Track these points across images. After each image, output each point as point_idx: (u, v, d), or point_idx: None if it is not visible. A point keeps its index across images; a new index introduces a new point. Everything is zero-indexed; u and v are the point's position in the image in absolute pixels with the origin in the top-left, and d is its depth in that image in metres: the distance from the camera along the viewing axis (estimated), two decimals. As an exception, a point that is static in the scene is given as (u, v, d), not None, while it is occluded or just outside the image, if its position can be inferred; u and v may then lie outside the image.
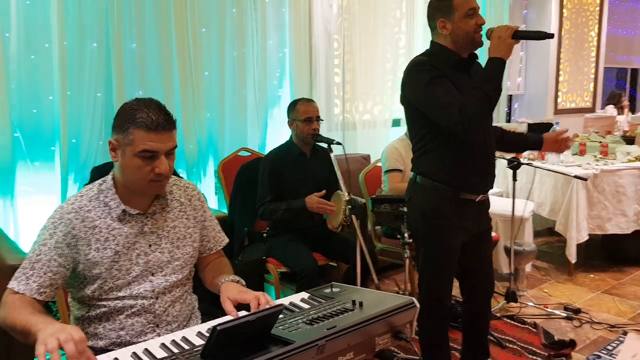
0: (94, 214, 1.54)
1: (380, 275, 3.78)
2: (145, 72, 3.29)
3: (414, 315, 1.46)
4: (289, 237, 2.99)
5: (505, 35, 1.94)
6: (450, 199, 2.13)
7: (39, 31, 2.94)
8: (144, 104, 1.49)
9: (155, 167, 1.48)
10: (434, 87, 1.98)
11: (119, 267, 1.54)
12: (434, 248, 2.21)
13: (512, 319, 3.30)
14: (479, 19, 2.04)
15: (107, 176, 1.60)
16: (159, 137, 1.47)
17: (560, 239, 4.30)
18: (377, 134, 4.59)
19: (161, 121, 1.47)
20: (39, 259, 1.48)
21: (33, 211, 2.95)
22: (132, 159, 1.48)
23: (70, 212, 1.52)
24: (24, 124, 2.95)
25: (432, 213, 2.17)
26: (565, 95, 6.55)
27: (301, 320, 1.35)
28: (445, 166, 2.12)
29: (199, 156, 3.59)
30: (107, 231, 1.54)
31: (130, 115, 1.47)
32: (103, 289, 1.53)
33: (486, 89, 1.93)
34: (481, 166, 2.15)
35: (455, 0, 2.02)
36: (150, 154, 1.47)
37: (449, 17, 2.04)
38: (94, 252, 1.52)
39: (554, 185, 4.09)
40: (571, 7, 6.41)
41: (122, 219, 1.56)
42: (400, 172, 3.37)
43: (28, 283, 1.46)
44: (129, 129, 1.46)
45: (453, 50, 2.08)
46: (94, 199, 1.56)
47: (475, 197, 2.16)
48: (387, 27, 4.59)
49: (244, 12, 3.69)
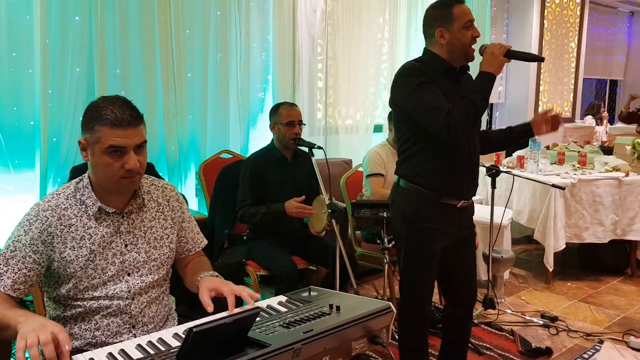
0: (70, 212, 1.53)
1: (360, 280, 3.78)
2: (128, 72, 3.28)
3: (390, 320, 1.46)
4: (268, 240, 2.98)
5: (497, 52, 1.99)
6: (431, 203, 2.15)
7: (21, 29, 2.92)
8: (109, 101, 1.48)
9: (124, 162, 1.47)
10: (423, 91, 2.01)
11: (95, 267, 1.53)
12: (414, 251, 2.22)
13: (490, 326, 3.32)
14: (474, 31, 2.08)
15: (83, 174, 1.59)
16: (125, 133, 1.45)
17: (539, 247, 4.35)
18: (359, 139, 4.61)
19: (126, 117, 1.45)
20: (14, 255, 1.47)
21: (12, 210, 2.93)
22: (100, 157, 1.47)
23: (46, 210, 1.51)
24: (4, 122, 2.93)
25: (413, 216, 2.18)
26: (546, 104, 6.65)
27: (278, 323, 1.33)
28: (427, 170, 2.14)
29: (180, 157, 3.57)
30: (83, 230, 1.53)
31: (96, 113, 1.46)
32: (78, 288, 1.52)
33: (474, 98, 1.97)
34: (463, 173, 2.17)
35: (454, 11, 2.05)
36: (118, 149, 1.46)
37: (447, 27, 2.06)
38: (69, 251, 1.51)
39: (532, 194, 4.13)
40: (552, 19, 6.51)
41: (98, 218, 1.55)
42: (382, 177, 3.39)
43: (2, 279, 1.45)
44: (94, 127, 1.46)
45: (445, 59, 2.11)
46: (71, 197, 1.55)
47: (457, 203, 2.18)
48: (370, 33, 4.62)
49: (227, 15, 3.68)
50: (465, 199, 2.20)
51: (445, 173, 2.12)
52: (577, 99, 7.14)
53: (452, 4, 2.07)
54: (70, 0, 3.02)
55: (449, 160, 2.11)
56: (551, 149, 4.97)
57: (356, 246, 3.55)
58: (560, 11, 6.65)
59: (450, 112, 1.95)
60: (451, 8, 2.06)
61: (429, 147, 2.11)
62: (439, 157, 2.11)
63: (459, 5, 2.07)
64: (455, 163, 2.13)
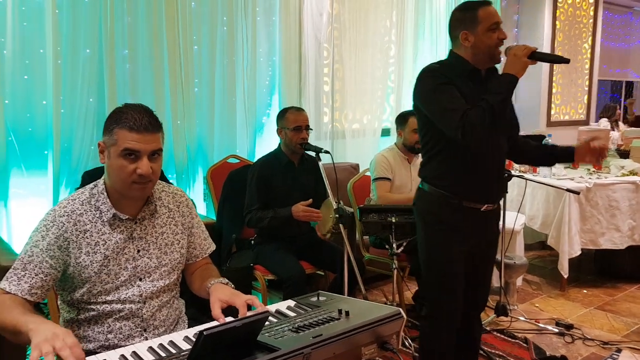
0: (85, 218, 1.56)
1: (368, 285, 3.73)
2: (136, 78, 3.32)
3: (401, 326, 1.44)
4: (276, 244, 2.95)
5: (521, 54, 1.96)
6: (452, 206, 2.12)
7: (34, 37, 2.98)
8: (131, 107, 1.53)
9: (137, 167, 1.50)
10: (439, 93, 2.01)
11: (108, 272, 1.56)
12: (435, 254, 2.20)
13: (502, 333, 3.25)
14: (500, 33, 2.04)
15: (98, 180, 1.62)
16: (141, 138, 1.49)
17: (552, 252, 4.27)
18: (366, 143, 4.57)
19: (144, 122, 1.49)
20: (31, 260, 1.50)
21: (26, 214, 3.00)
22: (116, 159, 1.51)
23: (62, 215, 1.54)
24: (17, 128, 3.00)
25: (432, 218, 2.18)
26: (559, 107, 6.56)
27: (287, 327, 1.33)
28: (447, 173, 2.13)
29: (188, 163, 3.57)
30: (97, 235, 1.56)
31: (117, 117, 1.51)
32: (92, 292, 1.55)
33: (492, 101, 1.93)
34: (486, 176, 2.13)
35: (479, 13, 2.03)
36: (132, 153, 1.49)
37: (472, 30, 2.04)
38: (84, 256, 1.54)
39: (545, 198, 4.06)
40: (564, 19, 6.44)
41: (112, 224, 1.58)
42: (389, 181, 3.35)
43: (20, 283, 1.48)
44: (114, 129, 1.50)
45: (470, 62, 2.08)
46: (86, 202, 1.58)
47: (480, 207, 2.14)
48: (377, 36, 4.59)
49: (234, 20, 3.68)
50: (489, 202, 2.16)
51: (465, 176, 2.10)
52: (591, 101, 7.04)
53: (477, 6, 2.05)
54: (81, 8, 3.06)
55: (469, 163, 2.09)
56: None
57: (364, 251, 3.51)
58: (573, 11, 6.57)
59: (466, 114, 1.92)
60: (476, 10, 2.04)
61: (449, 150, 2.09)
62: (458, 159, 2.09)
63: (484, 7, 2.04)
64: (476, 166, 2.09)
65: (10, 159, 2.95)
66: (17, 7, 2.89)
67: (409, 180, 3.44)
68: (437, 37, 5.07)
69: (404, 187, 3.41)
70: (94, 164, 3.13)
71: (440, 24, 5.07)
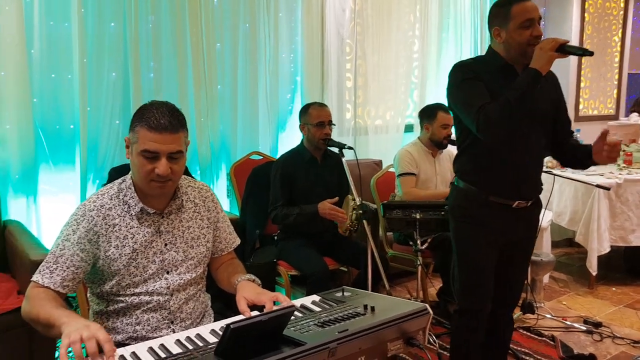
0: (114, 212, 1.59)
1: (391, 282, 3.70)
2: (160, 76, 3.35)
3: (427, 322, 1.44)
4: (300, 240, 2.96)
5: (547, 48, 1.90)
6: (479, 201, 2.11)
7: (61, 37, 3.03)
8: (156, 105, 1.53)
9: (155, 167, 1.51)
10: (463, 88, 2.02)
11: (136, 265, 1.59)
12: (463, 249, 2.20)
13: (529, 331, 3.20)
14: (535, 30, 1.98)
15: (126, 175, 1.65)
16: (160, 138, 1.49)
17: (580, 250, 4.20)
18: (389, 140, 4.54)
19: (165, 122, 1.49)
20: (62, 253, 1.53)
21: (54, 209, 3.06)
22: (137, 157, 1.53)
23: (92, 210, 1.57)
24: (46, 125, 3.06)
25: (459, 212, 2.18)
26: (587, 102, 6.41)
27: (312, 322, 1.34)
28: (475, 168, 2.13)
29: (211, 159, 3.59)
30: (126, 229, 1.59)
31: (141, 115, 1.52)
32: (120, 285, 1.58)
33: (510, 96, 1.90)
34: (516, 172, 2.08)
35: (513, 9, 1.99)
36: (151, 154, 1.50)
37: (503, 26, 2.02)
38: (114, 249, 1.57)
39: (574, 195, 3.99)
40: (593, 12, 6.28)
41: (140, 218, 1.61)
42: (414, 176, 3.32)
43: (52, 276, 1.51)
44: (136, 127, 1.52)
45: (504, 57, 2.06)
46: (115, 197, 1.61)
47: (511, 203, 2.10)
48: (401, 31, 4.54)
49: (256, 17, 3.69)
50: (522, 199, 2.11)
51: (493, 170, 2.08)
52: (621, 95, 6.85)
53: (512, 1, 2.00)
54: (106, 10, 3.11)
55: (498, 157, 2.06)
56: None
57: (387, 247, 3.49)
58: (603, 3, 6.40)
59: (484, 109, 1.91)
60: (510, 6, 2.00)
61: (476, 145, 2.08)
62: (486, 155, 2.08)
63: (519, 3, 1.99)
64: (504, 161, 2.06)
65: (39, 156, 3.01)
66: (43, 6, 2.93)
67: (433, 175, 3.41)
68: (462, 32, 4.99)
69: (429, 182, 3.38)
70: (121, 161, 3.18)
71: (465, 18, 5.00)
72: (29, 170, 2.94)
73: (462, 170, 2.18)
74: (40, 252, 2.36)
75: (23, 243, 2.49)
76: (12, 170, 2.90)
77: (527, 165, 2.11)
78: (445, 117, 3.30)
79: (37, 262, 2.24)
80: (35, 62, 2.95)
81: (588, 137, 4.31)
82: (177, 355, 1.24)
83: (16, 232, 2.65)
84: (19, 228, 2.74)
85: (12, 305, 2.31)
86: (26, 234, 2.67)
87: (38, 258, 2.27)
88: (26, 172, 2.93)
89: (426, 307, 1.43)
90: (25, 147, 2.90)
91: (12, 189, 2.91)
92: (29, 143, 2.91)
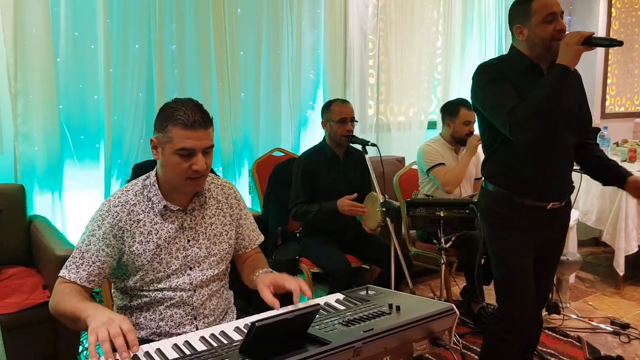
0: (138, 208, 1.61)
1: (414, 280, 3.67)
2: (184, 71, 3.37)
3: (453, 322, 1.43)
4: (322, 238, 2.95)
5: (572, 42, 1.85)
6: (515, 205, 2.06)
7: (86, 35, 3.07)
8: (182, 102, 1.55)
9: (192, 164, 1.53)
10: (490, 89, 1.97)
11: (160, 260, 1.60)
12: (501, 253, 2.14)
13: (554, 331, 3.15)
14: (558, 24, 1.94)
15: (150, 172, 1.67)
16: (195, 135, 1.51)
17: (607, 249, 4.12)
18: (411, 136, 4.49)
19: (197, 119, 1.51)
20: (88, 249, 1.55)
21: (79, 205, 3.11)
22: (171, 156, 1.54)
23: (117, 205, 1.59)
24: (70, 122, 3.10)
25: (496, 217, 2.13)
26: (614, 98, 6.28)
27: (337, 321, 1.33)
28: (503, 171, 2.08)
29: (234, 156, 3.60)
30: (150, 225, 1.60)
31: (169, 114, 1.53)
32: (144, 280, 1.60)
33: (540, 94, 1.86)
34: (548, 173, 2.04)
35: (533, 5, 1.95)
36: (188, 151, 1.52)
37: (525, 23, 1.97)
38: (138, 245, 1.58)
39: (601, 193, 3.91)
40: (620, 7, 6.15)
41: (163, 214, 1.62)
42: (444, 165, 3.27)
43: (78, 272, 1.53)
44: (167, 127, 1.52)
45: (528, 56, 2.01)
46: (139, 193, 1.63)
47: (545, 205, 2.06)
48: (424, 27, 4.50)
49: (279, 12, 3.69)
50: (556, 200, 2.07)
51: (526, 173, 2.03)
52: (648, 92, 6.69)
53: None
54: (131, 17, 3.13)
55: (530, 159, 2.01)
56: (621, 145, 4.69)
57: (410, 245, 3.46)
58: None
59: (514, 110, 1.87)
60: (530, 2, 1.95)
61: (507, 147, 2.03)
62: (516, 156, 2.03)
63: None
64: (536, 162, 2.02)
65: (65, 152, 3.05)
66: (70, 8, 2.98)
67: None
68: (486, 28, 4.93)
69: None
70: (144, 157, 3.21)
71: (489, 14, 4.93)
72: (54, 166, 2.98)
73: (492, 173, 2.13)
74: (65, 247, 2.39)
75: (48, 238, 2.52)
76: (38, 166, 2.94)
77: (559, 165, 2.07)
78: (467, 113, 3.26)
79: (62, 257, 2.29)
80: (61, 53, 2.98)
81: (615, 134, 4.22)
82: (201, 352, 1.24)
83: (41, 228, 2.69)
84: (45, 223, 2.78)
85: (37, 300, 2.33)
86: (51, 229, 2.70)
87: (63, 253, 2.31)
88: (51, 168, 2.97)
89: (452, 307, 1.42)
90: (51, 143, 2.95)
91: (37, 185, 2.96)
92: (54, 139, 2.95)
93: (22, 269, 2.64)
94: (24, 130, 2.86)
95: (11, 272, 2.58)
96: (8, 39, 2.75)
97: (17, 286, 2.44)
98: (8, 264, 2.65)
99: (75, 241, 2.52)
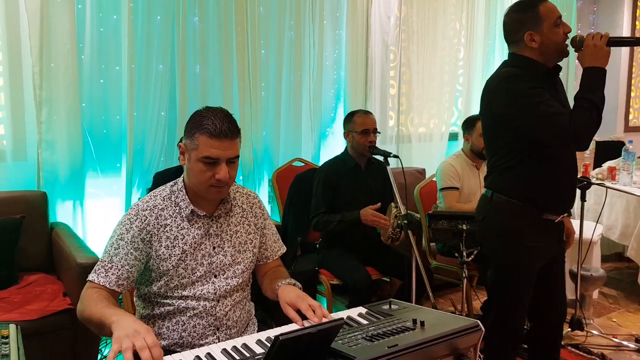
0: (166, 213, 1.62)
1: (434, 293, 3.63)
2: (206, 83, 3.38)
3: (478, 339, 1.40)
4: (342, 249, 2.93)
5: (600, 44, 1.84)
6: (532, 219, 2.01)
7: (110, 42, 3.10)
8: (212, 111, 1.56)
9: (216, 172, 1.54)
10: (537, 97, 1.88)
11: (185, 266, 1.61)
12: (512, 270, 2.09)
13: (577, 348, 3.07)
14: (565, 27, 1.95)
15: (178, 178, 1.69)
16: (221, 144, 1.52)
17: (631, 265, 4.04)
18: (432, 148, 4.46)
19: (224, 129, 1.52)
20: (117, 252, 1.56)
21: (100, 213, 3.12)
22: (195, 163, 1.55)
23: (145, 209, 1.61)
24: (93, 130, 3.13)
25: (512, 233, 2.05)
26: (638, 112, 6.17)
27: (360, 335, 1.31)
28: (530, 184, 2.00)
29: (254, 165, 3.60)
30: (177, 230, 1.61)
31: (198, 122, 1.54)
32: (169, 286, 1.60)
33: (593, 98, 1.83)
34: (566, 185, 2.03)
35: (541, 11, 1.94)
36: (212, 160, 1.53)
37: (537, 29, 1.94)
38: (164, 249, 1.59)
39: (625, 208, 3.84)
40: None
41: (190, 220, 1.63)
42: (457, 190, 3.26)
43: (107, 276, 1.54)
44: (195, 134, 1.54)
45: (540, 62, 1.98)
46: (167, 198, 1.65)
47: (556, 218, 2.03)
48: (446, 39, 4.48)
49: (301, 23, 3.69)
50: (564, 212, 2.05)
51: (548, 187, 1.99)
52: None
53: (536, 3, 1.95)
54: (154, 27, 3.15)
55: (553, 172, 1.98)
56: None
57: (431, 259, 3.41)
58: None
59: (573, 117, 1.83)
60: (536, 8, 1.94)
61: (531, 159, 1.97)
62: (542, 169, 1.98)
63: (544, 3, 1.94)
64: (558, 176, 1.99)
65: (87, 160, 3.08)
66: (95, 13, 3.01)
67: (478, 188, 3.32)
68: (508, 39, 4.88)
69: (472, 196, 3.29)
70: (165, 165, 3.23)
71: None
72: (76, 173, 3.01)
73: (512, 187, 2.03)
74: (86, 254, 2.40)
75: (70, 245, 2.54)
76: (60, 174, 2.96)
77: (574, 175, 2.06)
78: None
79: (83, 264, 2.30)
80: (85, 68, 3.02)
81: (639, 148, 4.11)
82: (223, 364, 1.24)
83: (63, 235, 2.71)
84: (66, 230, 2.80)
85: (58, 307, 2.34)
86: (73, 236, 2.72)
87: (84, 261, 2.32)
88: (73, 176, 3.00)
89: (478, 324, 1.39)
90: (74, 151, 2.97)
91: (59, 192, 2.98)
92: (77, 147, 2.98)
93: (42, 275, 2.66)
94: (47, 138, 2.89)
95: (32, 279, 2.60)
96: (34, 49, 2.78)
97: (38, 293, 2.46)
98: (29, 271, 2.67)
99: (95, 249, 2.55)
